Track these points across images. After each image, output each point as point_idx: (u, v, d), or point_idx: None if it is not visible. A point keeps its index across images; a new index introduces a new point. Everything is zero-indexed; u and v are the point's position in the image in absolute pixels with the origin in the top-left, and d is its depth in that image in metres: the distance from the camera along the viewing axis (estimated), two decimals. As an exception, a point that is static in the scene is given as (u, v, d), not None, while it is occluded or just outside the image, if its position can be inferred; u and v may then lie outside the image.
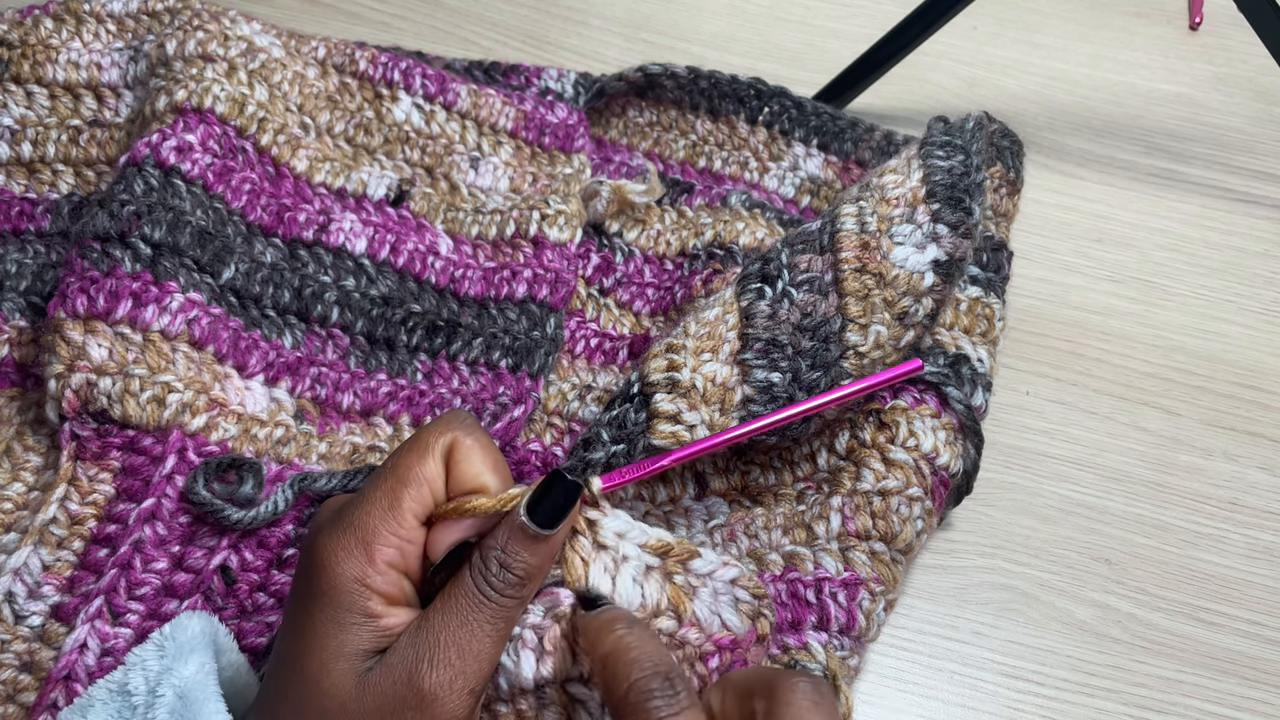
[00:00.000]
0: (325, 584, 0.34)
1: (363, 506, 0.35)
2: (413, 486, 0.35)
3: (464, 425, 0.36)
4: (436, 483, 0.35)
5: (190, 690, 0.35)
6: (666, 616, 0.37)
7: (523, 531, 0.35)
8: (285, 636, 0.35)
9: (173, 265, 0.50)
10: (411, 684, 0.33)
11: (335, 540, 0.34)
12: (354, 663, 0.34)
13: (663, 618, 0.37)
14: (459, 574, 0.35)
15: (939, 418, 0.47)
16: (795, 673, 0.34)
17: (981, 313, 0.54)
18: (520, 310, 0.55)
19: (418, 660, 0.33)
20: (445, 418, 0.36)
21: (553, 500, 0.35)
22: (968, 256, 0.47)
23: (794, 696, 0.33)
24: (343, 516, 0.35)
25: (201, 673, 0.35)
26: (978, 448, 0.48)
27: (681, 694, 0.33)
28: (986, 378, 0.52)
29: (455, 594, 0.35)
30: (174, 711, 0.34)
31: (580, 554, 0.37)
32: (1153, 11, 0.78)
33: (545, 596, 0.37)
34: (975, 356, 0.52)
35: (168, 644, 0.36)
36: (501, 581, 0.35)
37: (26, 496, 0.48)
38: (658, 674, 0.33)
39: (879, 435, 0.47)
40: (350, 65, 0.61)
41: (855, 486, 0.46)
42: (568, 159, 0.62)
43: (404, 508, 0.35)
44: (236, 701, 0.38)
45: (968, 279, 0.55)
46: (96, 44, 0.61)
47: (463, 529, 0.35)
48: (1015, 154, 0.61)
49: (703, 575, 0.38)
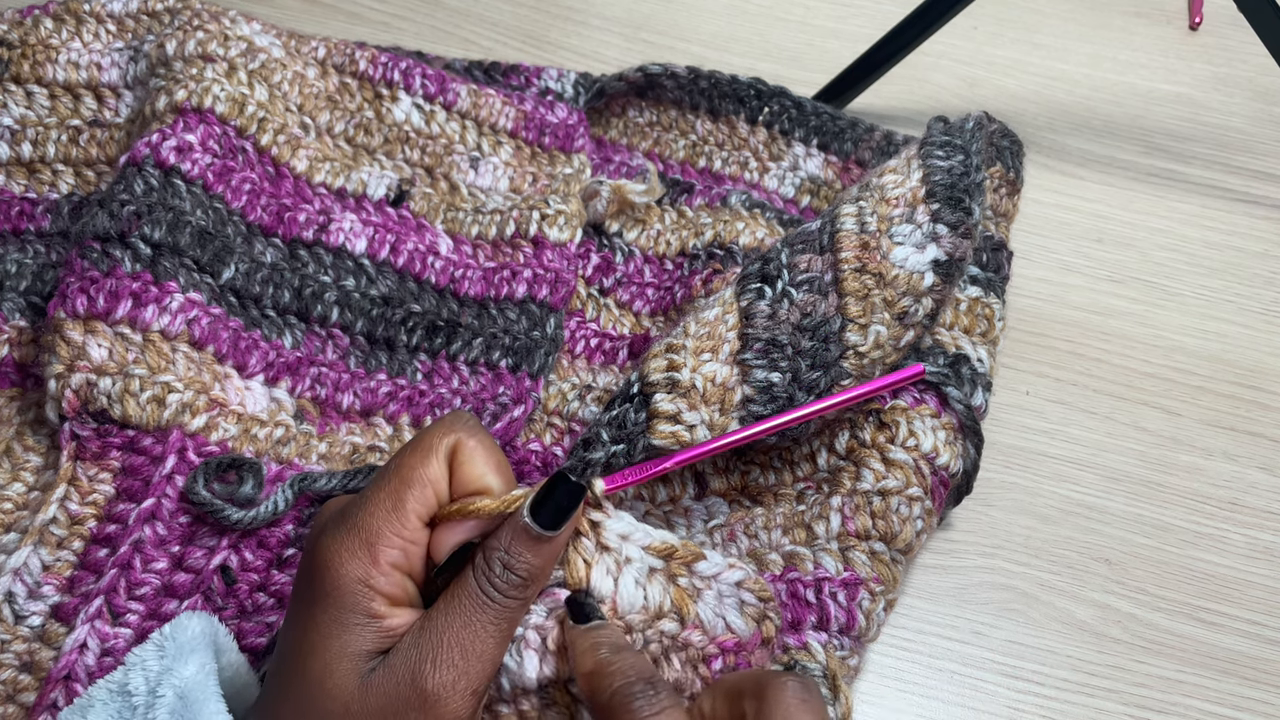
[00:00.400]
0: (328, 585, 0.34)
1: (366, 508, 0.35)
2: (416, 488, 0.35)
3: (467, 426, 0.36)
4: (440, 484, 0.35)
5: (190, 691, 0.35)
6: (670, 619, 0.37)
7: (526, 533, 0.35)
8: (288, 636, 0.35)
9: (173, 265, 0.50)
10: (414, 685, 0.33)
11: (339, 541, 0.34)
12: (357, 663, 0.34)
13: (665, 620, 0.37)
14: (462, 575, 0.35)
15: (939, 418, 0.47)
16: (784, 673, 0.34)
17: (981, 313, 0.54)
18: (520, 310, 0.55)
19: (420, 661, 0.33)
20: (448, 419, 0.37)
21: (556, 502, 0.36)
22: (968, 256, 0.47)
23: (783, 696, 0.33)
24: (346, 517, 0.35)
25: (202, 673, 0.35)
26: (978, 448, 0.48)
27: (662, 694, 0.33)
28: (986, 378, 0.52)
29: (458, 595, 0.35)
30: (174, 712, 0.34)
31: (583, 555, 0.37)
32: (1153, 11, 0.78)
33: (548, 597, 0.37)
34: (975, 356, 0.52)
35: (168, 644, 0.36)
36: (505, 582, 0.35)
37: (26, 496, 0.48)
38: (640, 679, 0.33)
39: (879, 435, 0.47)
40: (350, 65, 0.61)
41: (855, 486, 0.46)
42: (568, 159, 0.62)
43: (408, 509, 0.35)
44: (236, 702, 0.38)
45: (968, 279, 0.55)
46: (96, 44, 0.61)
47: (466, 530, 0.35)
48: (1015, 154, 0.61)
49: (708, 577, 0.38)
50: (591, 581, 0.37)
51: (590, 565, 0.37)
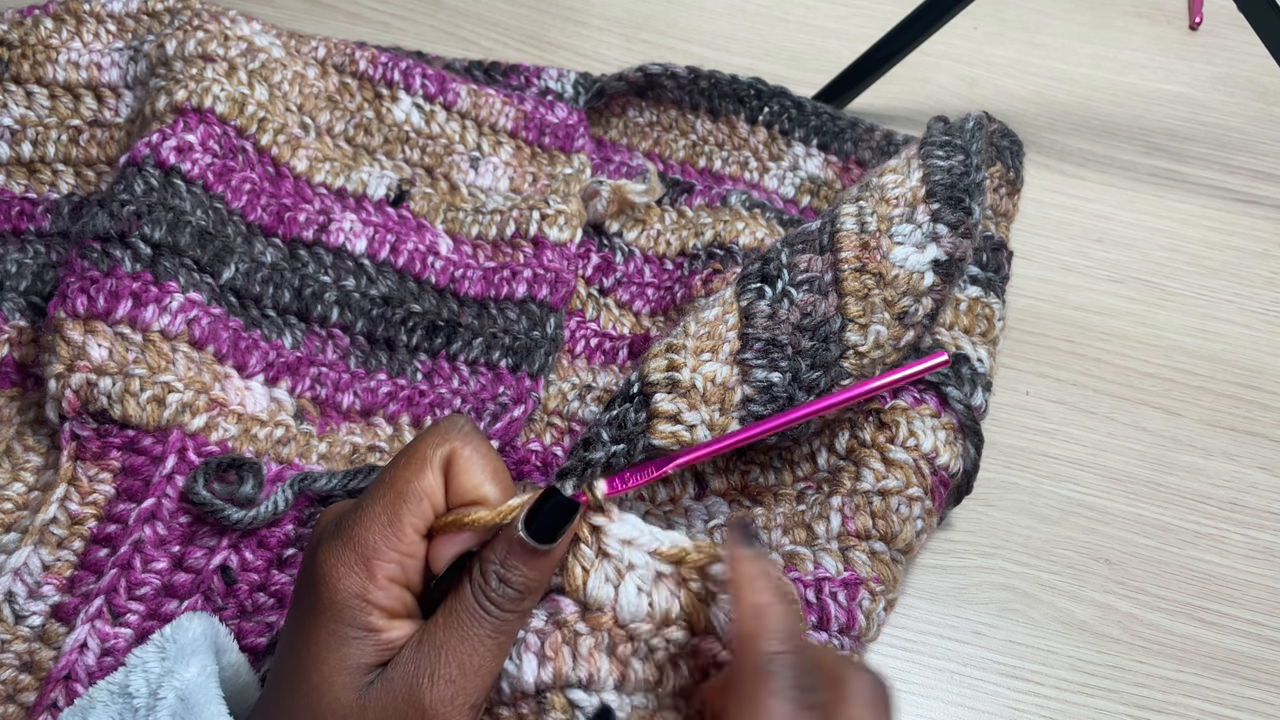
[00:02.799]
0: (326, 599, 0.34)
1: (362, 521, 0.34)
2: (411, 501, 0.35)
3: (462, 434, 0.36)
4: (436, 495, 0.35)
5: (191, 693, 0.35)
6: (677, 627, 0.37)
7: (521, 546, 0.35)
8: (287, 646, 0.35)
9: (173, 265, 0.50)
10: (412, 700, 0.33)
11: (336, 555, 0.34)
12: (355, 677, 0.34)
13: (672, 628, 0.37)
14: (459, 588, 0.35)
15: (939, 417, 0.47)
16: (861, 667, 0.34)
17: (981, 312, 0.54)
18: (520, 310, 0.55)
19: (418, 676, 0.33)
20: (442, 425, 0.36)
21: (549, 515, 0.35)
22: (968, 256, 0.47)
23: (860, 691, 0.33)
24: (343, 530, 0.35)
25: (203, 675, 0.35)
26: (978, 448, 0.48)
27: (816, 693, 0.32)
28: (986, 378, 0.52)
29: (455, 608, 0.34)
30: (175, 714, 0.34)
31: (581, 563, 0.37)
32: (1153, 11, 0.78)
33: (547, 602, 0.37)
34: (975, 356, 0.52)
35: (169, 646, 0.36)
36: (501, 596, 0.35)
37: (27, 496, 0.48)
38: (803, 671, 0.32)
39: (879, 435, 0.47)
40: (350, 65, 0.61)
41: (855, 486, 0.46)
42: (568, 159, 0.62)
43: (404, 523, 0.34)
44: (237, 701, 0.38)
45: (967, 279, 0.55)
46: (96, 44, 0.61)
47: (463, 540, 0.35)
48: (1015, 154, 0.61)
49: (724, 581, 0.37)
50: (588, 589, 0.37)
51: (588, 573, 0.37)
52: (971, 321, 0.53)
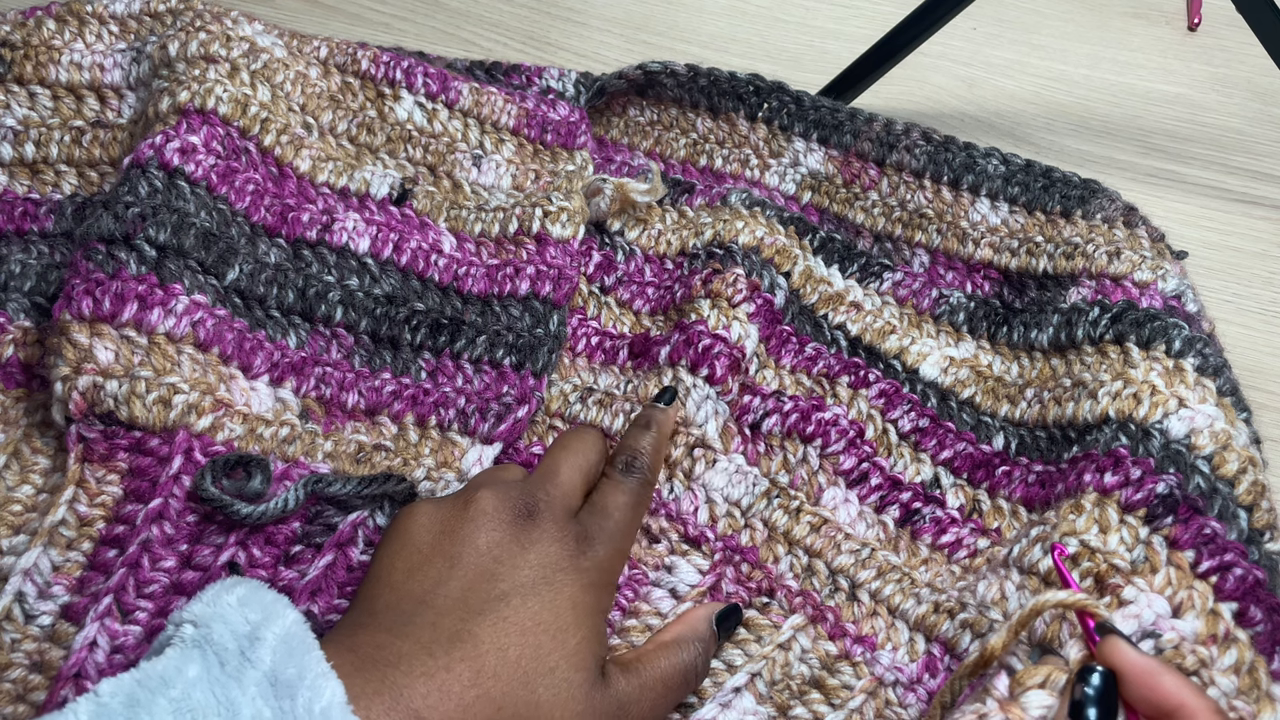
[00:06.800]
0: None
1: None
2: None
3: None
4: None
5: (293, 635, 0.34)
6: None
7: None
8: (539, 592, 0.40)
9: (177, 267, 0.50)
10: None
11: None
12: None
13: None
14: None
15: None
16: (1205, 696, 0.33)
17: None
18: (523, 307, 0.55)
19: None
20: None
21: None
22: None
23: None
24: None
25: (298, 624, 0.35)
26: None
27: None
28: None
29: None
30: (277, 653, 0.34)
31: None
32: (1151, 12, 0.79)
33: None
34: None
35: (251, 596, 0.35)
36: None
37: (35, 499, 0.48)
38: None
39: None
40: (352, 65, 0.62)
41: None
42: (570, 156, 0.62)
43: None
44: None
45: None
46: (99, 45, 0.61)
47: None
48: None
49: None
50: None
51: None
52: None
